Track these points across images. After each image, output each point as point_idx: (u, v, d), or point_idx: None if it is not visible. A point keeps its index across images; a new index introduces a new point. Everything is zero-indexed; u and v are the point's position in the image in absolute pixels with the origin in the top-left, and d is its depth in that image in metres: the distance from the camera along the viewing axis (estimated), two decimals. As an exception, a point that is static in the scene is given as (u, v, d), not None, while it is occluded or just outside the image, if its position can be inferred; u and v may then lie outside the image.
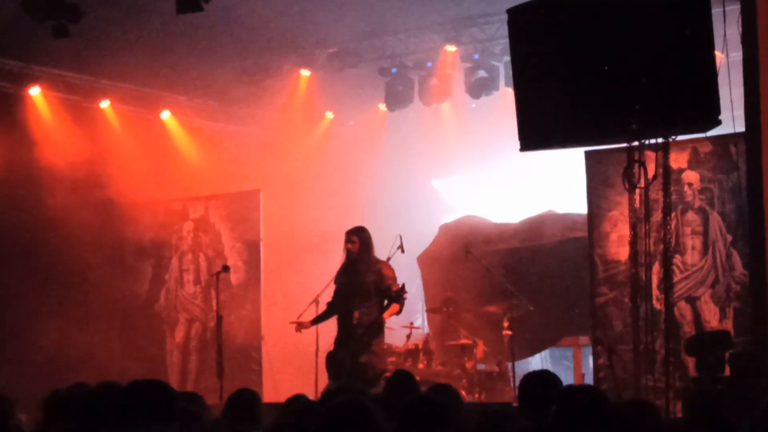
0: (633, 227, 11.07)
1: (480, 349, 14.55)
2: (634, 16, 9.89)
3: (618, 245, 12.13)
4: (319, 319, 12.70)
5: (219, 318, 13.52)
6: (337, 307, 12.35)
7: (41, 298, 15.71)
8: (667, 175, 10.83)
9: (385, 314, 12.01)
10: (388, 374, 11.46)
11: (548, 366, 18.55)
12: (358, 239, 12.17)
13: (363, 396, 5.68)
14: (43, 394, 6.58)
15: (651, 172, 10.66)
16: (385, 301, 12.08)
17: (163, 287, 16.74)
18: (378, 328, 12.07)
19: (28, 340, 15.39)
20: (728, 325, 11.41)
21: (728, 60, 10.22)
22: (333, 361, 12.10)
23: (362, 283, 12.06)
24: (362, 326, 11.99)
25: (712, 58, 9.74)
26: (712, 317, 11.57)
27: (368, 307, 12.05)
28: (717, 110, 9.60)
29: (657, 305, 11.57)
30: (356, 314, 12.03)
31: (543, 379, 6.48)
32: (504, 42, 14.13)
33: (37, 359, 15.18)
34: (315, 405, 6.41)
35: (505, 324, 14.21)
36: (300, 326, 12.64)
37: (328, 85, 17.32)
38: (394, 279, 12.10)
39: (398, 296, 11.88)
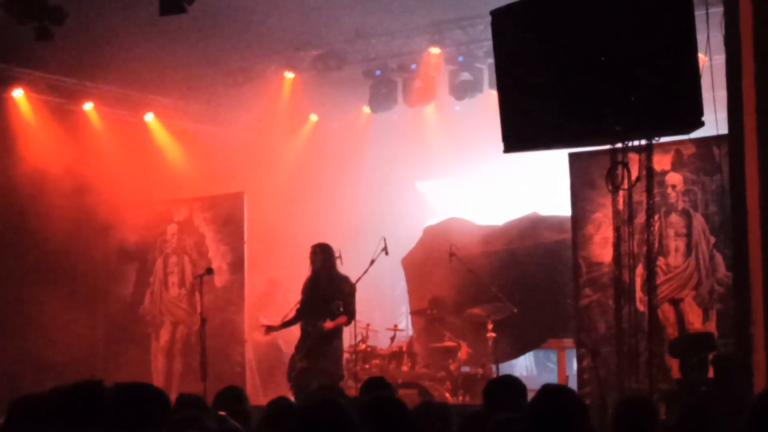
0: (616, 229, 11.09)
1: (464, 352, 14.55)
2: (618, 18, 9.90)
3: (602, 247, 12.16)
4: (286, 324, 13.29)
5: (203, 321, 13.50)
6: (302, 316, 13.07)
7: (24, 300, 15.65)
8: (650, 176, 10.84)
9: (327, 323, 12.74)
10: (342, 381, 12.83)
11: (532, 368, 18.57)
12: (320, 251, 12.97)
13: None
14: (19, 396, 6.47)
15: (634, 174, 10.68)
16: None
17: (148, 290, 16.70)
18: (336, 336, 12.87)
19: (11, 343, 15.33)
20: (711, 326, 11.45)
21: (711, 62, 10.24)
22: (293, 367, 12.90)
23: (323, 296, 12.80)
24: (322, 335, 12.70)
25: (696, 60, 9.76)
26: (695, 319, 11.61)
27: (328, 318, 12.79)
28: (700, 112, 9.63)
29: (640, 307, 11.59)
30: (317, 324, 12.75)
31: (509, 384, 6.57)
32: (488, 44, 14.12)
33: (20, 362, 15.13)
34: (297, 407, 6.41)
35: (489, 326, 14.22)
36: (269, 329, 13.43)
37: (312, 88, 17.31)
38: (347, 294, 12.85)
39: (339, 309, 12.73)
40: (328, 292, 12.87)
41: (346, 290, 12.91)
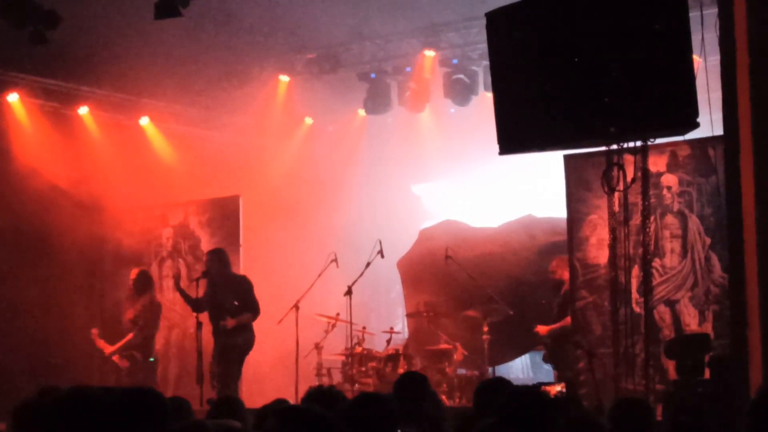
0: (612, 231, 11.10)
1: (460, 354, 14.55)
2: (613, 19, 9.91)
3: (597, 249, 12.15)
4: (186, 297, 13.89)
5: (199, 324, 13.49)
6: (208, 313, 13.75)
7: (20, 305, 15.61)
8: (645, 178, 10.87)
9: (228, 322, 13.35)
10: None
11: (528, 370, 18.55)
12: (213, 256, 13.83)
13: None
14: (19, 402, 6.46)
15: (630, 176, 10.70)
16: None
17: (143, 294, 16.65)
18: (241, 335, 13.41)
19: (6, 347, 15.30)
20: (707, 328, 11.44)
21: (706, 64, 10.25)
22: (213, 373, 13.51)
23: (222, 299, 13.51)
24: (223, 336, 13.40)
25: (690, 61, 9.78)
26: (691, 320, 11.60)
27: (227, 319, 13.43)
28: (695, 113, 9.64)
29: (636, 309, 11.61)
30: (220, 325, 13.40)
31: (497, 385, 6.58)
32: (483, 46, 14.10)
33: (15, 366, 15.09)
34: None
35: (485, 328, 14.22)
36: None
37: (306, 91, 17.29)
38: (243, 291, 13.59)
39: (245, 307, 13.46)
40: (224, 294, 13.48)
41: (243, 287, 13.58)
